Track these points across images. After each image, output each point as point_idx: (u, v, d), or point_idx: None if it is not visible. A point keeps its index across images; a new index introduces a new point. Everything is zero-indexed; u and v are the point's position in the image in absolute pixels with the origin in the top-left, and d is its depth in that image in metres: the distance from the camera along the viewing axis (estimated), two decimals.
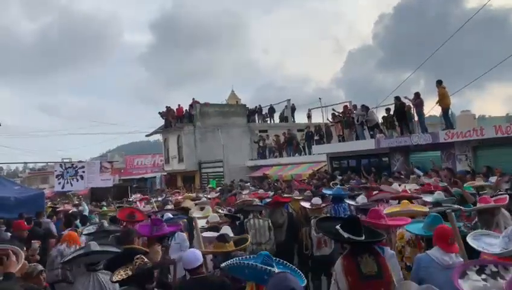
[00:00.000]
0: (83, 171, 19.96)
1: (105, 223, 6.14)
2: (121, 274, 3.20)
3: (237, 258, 3.03)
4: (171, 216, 6.81)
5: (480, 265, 2.15)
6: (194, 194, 12.69)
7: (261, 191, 12.34)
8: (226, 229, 4.98)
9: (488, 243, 2.65)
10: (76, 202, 14.71)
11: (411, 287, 2.08)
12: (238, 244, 4.26)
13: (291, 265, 3.12)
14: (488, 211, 4.32)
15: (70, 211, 10.76)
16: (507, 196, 5.02)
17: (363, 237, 3.16)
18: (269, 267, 2.77)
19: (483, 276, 2.07)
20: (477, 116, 20.90)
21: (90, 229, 5.99)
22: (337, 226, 3.30)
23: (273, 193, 10.74)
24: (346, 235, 3.18)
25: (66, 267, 5.07)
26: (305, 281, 3.07)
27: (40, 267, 4.01)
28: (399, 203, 5.75)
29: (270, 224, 6.50)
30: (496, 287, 1.96)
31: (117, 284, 3.43)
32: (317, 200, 6.82)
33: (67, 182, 19.69)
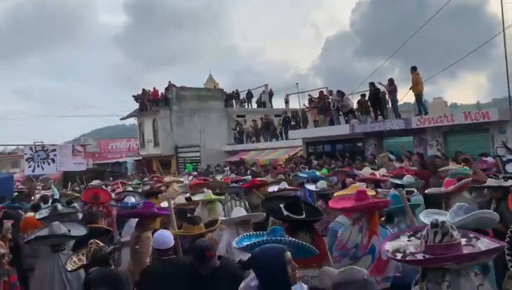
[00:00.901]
0: (55, 155, 19.48)
1: (59, 206, 5.75)
2: (75, 262, 3.15)
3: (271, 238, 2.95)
4: (134, 201, 6.78)
5: (414, 231, 2.32)
6: (180, 178, 12.53)
7: (232, 175, 12.29)
8: (240, 211, 4.85)
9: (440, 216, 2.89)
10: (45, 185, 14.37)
11: (329, 271, 2.17)
12: (208, 227, 4.26)
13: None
14: (441, 195, 4.53)
15: (41, 195, 10.51)
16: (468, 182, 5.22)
17: (302, 216, 3.44)
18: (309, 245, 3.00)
19: (411, 238, 2.24)
20: (449, 104, 21.45)
21: (43, 213, 5.65)
22: (281, 205, 3.54)
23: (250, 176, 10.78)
24: (285, 213, 3.44)
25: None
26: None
27: (2, 250, 3.80)
28: (367, 186, 5.89)
29: (247, 205, 6.58)
30: (413, 245, 2.17)
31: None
32: (283, 184, 6.92)
33: (38, 166, 19.18)
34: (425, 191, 5.88)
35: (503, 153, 10.62)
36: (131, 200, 6.90)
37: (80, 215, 5.90)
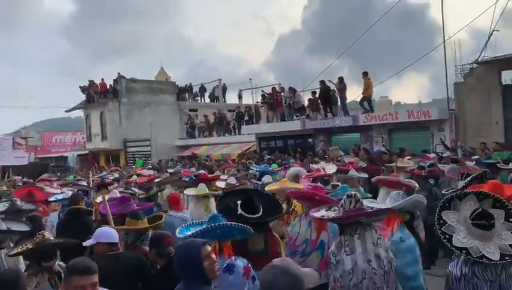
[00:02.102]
0: None
1: (18, 202, 5.60)
2: (19, 249, 3.07)
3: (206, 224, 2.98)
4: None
5: (330, 206, 3.26)
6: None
7: (193, 169, 12.24)
8: None
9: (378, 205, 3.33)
10: None
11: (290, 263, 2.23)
12: (152, 222, 4.18)
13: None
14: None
15: None
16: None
17: (257, 215, 3.29)
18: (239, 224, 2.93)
19: (330, 210, 3.19)
20: (394, 103, 22.57)
21: (0, 207, 5.43)
22: (238, 202, 3.38)
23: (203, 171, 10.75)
24: (239, 211, 3.28)
25: None
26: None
27: None
28: (313, 181, 6.12)
29: None
30: (333, 213, 3.08)
31: (19, 262, 3.30)
32: (232, 179, 6.98)
33: None
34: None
35: (441, 149, 11.43)
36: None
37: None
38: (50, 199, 6.83)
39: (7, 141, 19.45)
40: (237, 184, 7.00)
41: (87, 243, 3.43)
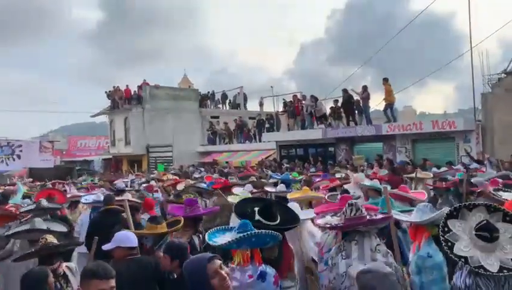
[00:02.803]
0: (21, 151, 18.73)
1: (44, 201, 5.84)
2: (22, 253, 3.15)
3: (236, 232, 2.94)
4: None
5: (335, 213, 3.46)
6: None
7: (215, 175, 12.33)
8: (293, 206, 4.68)
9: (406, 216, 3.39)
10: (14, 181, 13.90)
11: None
12: (171, 227, 4.17)
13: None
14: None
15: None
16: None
17: (275, 222, 3.26)
18: (272, 232, 2.90)
19: (334, 217, 3.35)
20: (418, 113, 22.22)
21: (29, 206, 5.73)
22: (256, 208, 3.34)
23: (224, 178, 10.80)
24: (257, 217, 3.24)
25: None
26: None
27: None
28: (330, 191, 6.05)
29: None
30: (336, 220, 3.22)
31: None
32: (248, 187, 6.94)
33: (3, 161, 18.40)
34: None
35: (467, 161, 11.12)
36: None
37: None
38: (82, 200, 7.10)
39: (35, 145, 20.01)
40: (254, 191, 6.96)
41: (106, 247, 3.45)
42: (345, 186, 6.50)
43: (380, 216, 3.25)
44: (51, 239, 3.19)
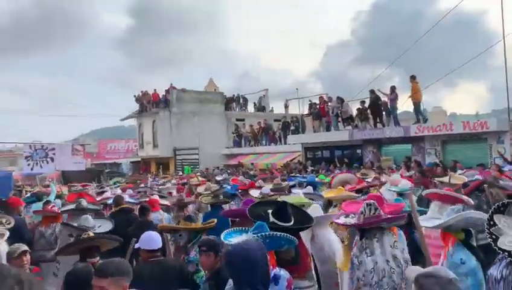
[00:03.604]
0: (54, 154, 19.31)
1: (84, 202, 6.12)
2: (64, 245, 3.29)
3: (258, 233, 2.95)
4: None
5: (347, 214, 3.65)
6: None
7: (241, 177, 12.43)
8: (316, 208, 4.73)
9: (432, 222, 3.41)
10: (47, 182, 14.42)
11: (416, 268, 2.26)
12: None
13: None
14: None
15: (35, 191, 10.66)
16: None
17: (289, 223, 3.26)
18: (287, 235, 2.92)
19: (349, 217, 3.53)
20: (449, 114, 21.60)
21: (70, 206, 6.13)
22: (269, 210, 3.34)
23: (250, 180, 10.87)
24: (271, 219, 3.24)
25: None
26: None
27: (24, 247, 3.72)
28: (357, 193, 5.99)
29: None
30: (353, 219, 3.39)
31: None
32: (265, 189, 6.92)
33: (37, 164, 19.04)
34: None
35: (500, 163, 10.71)
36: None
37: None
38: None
39: (67, 148, 20.59)
40: (271, 194, 6.95)
41: (137, 245, 3.51)
42: (381, 189, 6.42)
43: (395, 215, 3.42)
44: (91, 235, 3.33)
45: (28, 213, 7.45)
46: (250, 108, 30.44)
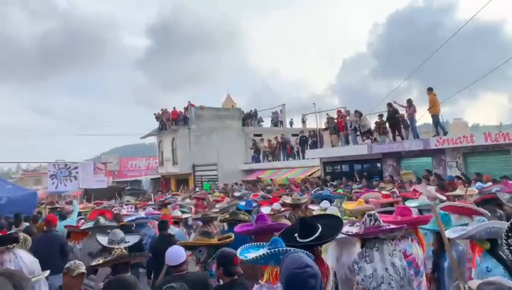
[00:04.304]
0: (77, 172, 19.84)
1: (102, 220, 6.31)
2: (99, 260, 3.36)
3: (260, 248, 3.05)
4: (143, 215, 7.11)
5: (352, 223, 3.93)
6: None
7: (261, 193, 12.46)
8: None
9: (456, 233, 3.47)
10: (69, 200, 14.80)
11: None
12: (222, 240, 4.33)
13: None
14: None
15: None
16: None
17: (307, 240, 3.18)
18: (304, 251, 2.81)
19: (351, 227, 3.76)
20: (470, 125, 21.17)
21: (89, 224, 6.33)
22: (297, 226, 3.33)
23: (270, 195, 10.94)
24: (294, 235, 3.23)
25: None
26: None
27: (83, 269, 3.52)
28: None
29: None
30: (355, 229, 3.60)
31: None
32: (276, 205, 6.92)
33: (61, 183, 19.58)
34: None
35: None
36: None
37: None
38: (125, 220, 7.53)
39: (89, 166, 21.11)
40: (282, 209, 6.95)
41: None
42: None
43: (393, 226, 3.61)
44: (124, 251, 3.44)
45: None
46: (268, 123, 30.59)
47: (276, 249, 2.84)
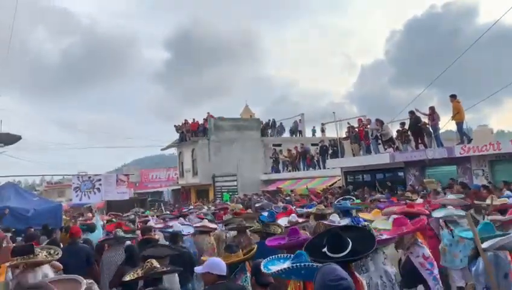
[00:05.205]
0: (100, 184, 20.28)
1: (120, 232, 6.41)
2: (131, 276, 3.40)
3: (286, 262, 3.04)
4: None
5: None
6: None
7: (280, 204, 12.41)
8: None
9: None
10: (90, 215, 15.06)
11: None
12: (246, 255, 4.35)
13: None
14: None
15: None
16: None
17: (340, 255, 2.97)
18: (317, 264, 2.79)
19: None
20: (495, 131, 20.67)
21: (108, 236, 6.69)
22: (325, 240, 3.12)
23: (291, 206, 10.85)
24: (323, 249, 3.04)
25: None
26: None
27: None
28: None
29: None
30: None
31: None
32: (293, 217, 6.81)
33: (85, 195, 20.03)
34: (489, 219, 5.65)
35: None
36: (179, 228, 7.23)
37: None
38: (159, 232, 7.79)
39: (112, 178, 21.55)
40: (301, 221, 6.85)
41: (197, 269, 3.71)
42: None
43: (385, 237, 3.95)
44: (155, 264, 3.47)
45: None
46: (287, 133, 30.53)
47: (298, 265, 2.80)
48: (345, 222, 6.23)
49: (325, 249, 3.09)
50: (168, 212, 13.51)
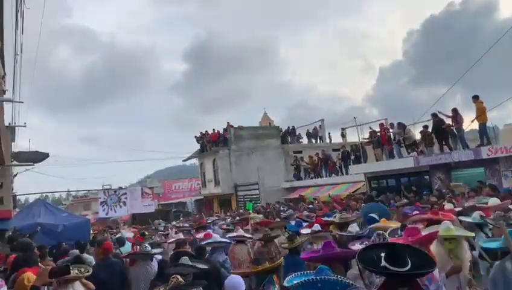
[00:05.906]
0: (126, 198, 20.63)
1: (148, 247, 6.46)
2: None
3: (306, 275, 3.01)
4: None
5: (362, 241, 4.68)
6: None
7: (305, 213, 12.32)
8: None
9: None
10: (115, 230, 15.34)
11: None
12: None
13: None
14: None
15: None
16: None
17: (405, 268, 2.71)
18: (344, 278, 2.84)
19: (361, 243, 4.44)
20: None
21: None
22: (382, 254, 2.90)
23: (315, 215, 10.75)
24: (383, 263, 2.78)
25: None
26: None
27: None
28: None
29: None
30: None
31: None
32: (316, 227, 6.71)
33: (111, 209, 20.41)
34: None
35: None
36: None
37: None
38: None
39: (137, 191, 21.90)
40: (322, 230, 6.72)
41: None
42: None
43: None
44: (180, 279, 3.52)
45: None
46: (305, 139, 30.36)
47: (312, 278, 2.79)
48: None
49: (384, 263, 2.81)
50: (187, 224, 13.53)
